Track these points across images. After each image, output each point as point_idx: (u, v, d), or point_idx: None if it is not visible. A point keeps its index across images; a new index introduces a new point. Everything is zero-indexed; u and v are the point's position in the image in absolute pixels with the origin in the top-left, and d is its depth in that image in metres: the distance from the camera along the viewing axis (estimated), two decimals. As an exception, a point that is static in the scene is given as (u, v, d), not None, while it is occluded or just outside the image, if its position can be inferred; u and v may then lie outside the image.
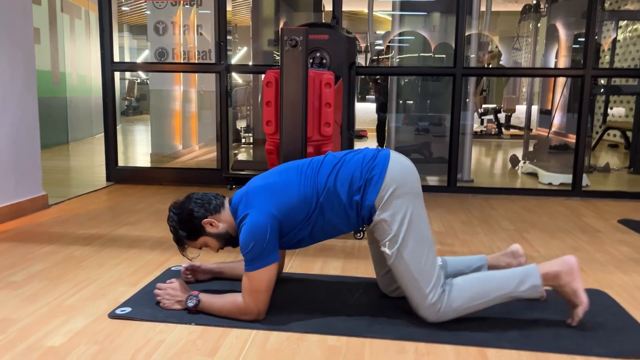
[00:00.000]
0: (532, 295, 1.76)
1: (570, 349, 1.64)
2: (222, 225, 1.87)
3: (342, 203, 1.80)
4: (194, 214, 1.86)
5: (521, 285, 1.75)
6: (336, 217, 1.82)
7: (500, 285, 1.77)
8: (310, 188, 1.80)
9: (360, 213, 1.81)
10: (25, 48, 3.29)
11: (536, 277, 1.75)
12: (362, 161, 1.83)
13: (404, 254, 1.76)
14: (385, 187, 1.77)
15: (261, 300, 1.77)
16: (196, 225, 1.86)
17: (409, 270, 1.76)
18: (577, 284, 1.75)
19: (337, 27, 3.57)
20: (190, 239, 1.89)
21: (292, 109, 2.67)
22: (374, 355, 1.60)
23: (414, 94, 5.36)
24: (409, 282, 1.77)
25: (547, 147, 6.03)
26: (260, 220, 1.74)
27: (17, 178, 3.22)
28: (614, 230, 3.15)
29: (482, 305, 1.78)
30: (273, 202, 1.78)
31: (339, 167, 1.83)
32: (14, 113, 3.18)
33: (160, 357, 1.57)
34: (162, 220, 3.21)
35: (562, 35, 6.64)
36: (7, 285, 2.11)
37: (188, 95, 6.17)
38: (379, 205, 1.77)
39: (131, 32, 11.52)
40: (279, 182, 1.83)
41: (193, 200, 1.89)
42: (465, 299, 1.76)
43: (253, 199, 1.81)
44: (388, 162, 1.80)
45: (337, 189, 1.79)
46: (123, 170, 4.49)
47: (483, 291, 1.77)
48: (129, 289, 2.09)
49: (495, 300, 1.77)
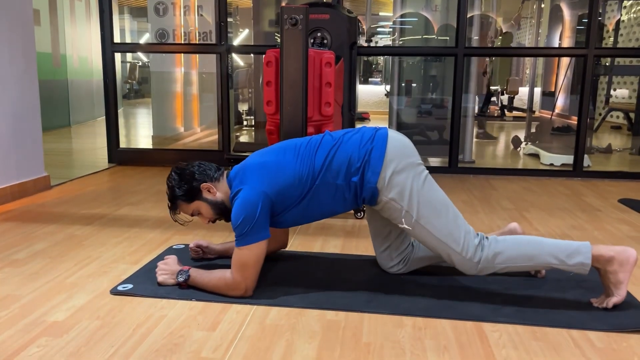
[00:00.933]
0: (578, 271, 1.73)
1: (566, 323, 1.65)
2: (218, 194, 1.89)
3: (339, 185, 1.81)
4: (194, 175, 1.88)
5: (570, 258, 1.72)
6: (332, 198, 1.83)
7: (550, 251, 1.74)
8: (306, 169, 1.81)
9: (360, 194, 1.82)
10: (25, 30, 3.28)
11: (587, 256, 1.72)
12: (360, 142, 1.83)
13: (423, 224, 1.78)
14: (385, 167, 1.78)
15: (249, 275, 1.79)
16: (194, 187, 1.88)
17: (434, 236, 1.78)
18: (625, 276, 1.71)
19: (338, 7, 3.54)
20: (186, 200, 1.90)
21: (292, 89, 2.67)
22: (372, 329, 1.63)
23: (416, 76, 5.34)
24: (438, 247, 1.79)
25: (550, 129, 6.02)
26: (252, 196, 1.76)
27: (19, 159, 3.23)
28: (614, 209, 3.16)
29: (523, 267, 1.78)
30: (267, 181, 1.79)
31: (336, 148, 1.83)
32: (14, 95, 3.19)
33: (161, 332, 1.59)
34: (163, 201, 3.23)
35: (566, 16, 6.58)
36: (10, 263, 2.14)
37: (189, 77, 6.16)
38: (382, 186, 1.79)
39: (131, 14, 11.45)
40: (275, 161, 1.84)
41: (196, 164, 1.92)
42: (508, 256, 1.75)
43: (248, 175, 1.83)
44: (386, 142, 1.81)
45: (333, 171, 1.80)
46: (125, 152, 4.50)
47: (530, 253, 1.75)
48: (130, 266, 2.11)
49: (538, 265, 1.77)
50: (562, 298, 1.84)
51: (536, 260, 1.75)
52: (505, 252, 1.76)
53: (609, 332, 1.61)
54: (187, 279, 1.86)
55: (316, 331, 1.61)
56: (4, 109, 3.11)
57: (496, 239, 1.79)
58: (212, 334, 1.59)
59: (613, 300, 1.72)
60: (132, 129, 7.20)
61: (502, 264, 1.77)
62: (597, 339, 1.57)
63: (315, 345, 1.52)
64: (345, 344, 1.53)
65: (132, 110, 9.93)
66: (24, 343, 1.51)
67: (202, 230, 2.61)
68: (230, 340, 1.55)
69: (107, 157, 4.46)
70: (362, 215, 2.89)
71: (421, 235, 1.81)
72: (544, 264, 1.76)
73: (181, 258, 2.18)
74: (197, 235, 2.54)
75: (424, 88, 5.29)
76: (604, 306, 1.74)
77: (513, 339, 1.58)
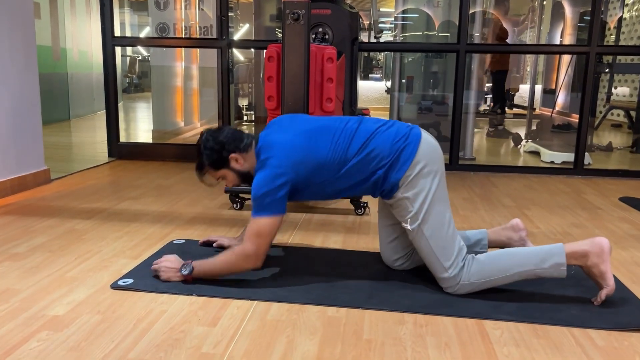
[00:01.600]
0: (555, 274, 1.74)
1: (568, 321, 1.65)
2: (245, 165, 1.90)
3: (365, 174, 1.83)
4: (225, 146, 1.88)
5: (543, 262, 1.74)
6: (354, 184, 1.86)
7: (522, 261, 1.76)
8: (338, 158, 1.82)
9: (381, 186, 1.85)
10: (25, 23, 3.26)
11: (561, 256, 1.73)
12: (394, 138, 1.83)
13: (424, 231, 1.80)
14: (412, 166, 1.80)
15: (261, 245, 1.80)
16: (223, 157, 1.89)
17: (429, 245, 1.80)
18: (606, 266, 1.72)
19: (340, 2, 3.53)
20: (213, 167, 1.91)
21: (293, 84, 2.66)
22: (373, 326, 1.62)
23: (417, 73, 5.32)
24: (428, 256, 1.82)
25: (550, 126, 6.01)
26: (276, 174, 1.78)
27: (19, 152, 3.22)
28: (614, 207, 3.15)
29: (501, 281, 1.79)
30: (293, 163, 1.80)
31: (370, 140, 1.83)
32: (14, 88, 3.17)
33: (162, 327, 1.59)
34: (164, 195, 3.22)
35: (568, 13, 6.57)
36: (10, 257, 2.13)
37: (190, 72, 6.14)
38: (404, 183, 1.81)
39: (132, 7, 11.41)
40: (307, 146, 1.83)
41: (227, 132, 1.91)
42: (484, 273, 1.78)
43: (277, 153, 1.82)
44: (419, 143, 1.82)
45: (363, 162, 1.82)
46: (125, 146, 4.49)
47: (503, 267, 1.77)
48: (130, 261, 2.11)
49: (515, 276, 1.77)
50: (563, 296, 1.84)
51: (513, 271, 1.77)
52: (481, 271, 1.78)
53: (610, 331, 1.61)
54: (191, 270, 1.85)
55: (317, 327, 1.61)
56: (4, 102, 3.10)
57: (474, 258, 1.81)
58: (212, 329, 1.58)
59: (604, 293, 1.74)
60: (132, 123, 7.18)
61: (479, 283, 1.79)
62: (598, 337, 1.57)
63: (316, 342, 1.52)
64: (346, 341, 1.53)
65: (132, 105, 9.91)
66: (24, 337, 1.51)
67: (202, 225, 2.61)
68: (231, 335, 1.55)
69: (107, 151, 4.45)
70: (362, 212, 2.89)
71: (418, 239, 1.83)
72: (523, 273, 1.77)
73: (182, 253, 2.18)
74: (197, 230, 2.54)
75: (425, 84, 5.27)
76: (598, 301, 1.75)
77: (514, 336, 1.57)
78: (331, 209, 2.98)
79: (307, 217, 2.82)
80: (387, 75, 10.57)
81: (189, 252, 2.19)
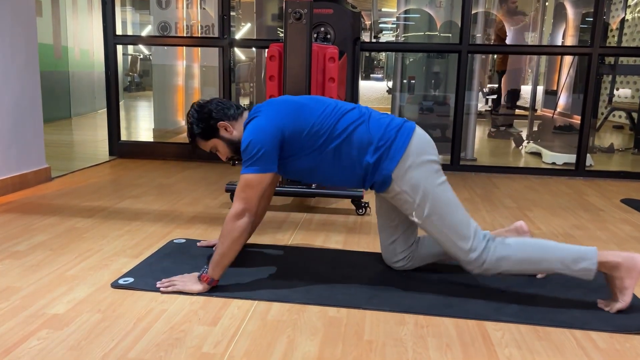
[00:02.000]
0: (582, 276, 1.72)
1: (569, 323, 1.64)
2: (235, 133, 1.89)
3: (353, 159, 1.81)
4: (212, 114, 1.88)
5: (576, 264, 1.71)
6: (341, 168, 1.83)
7: (554, 257, 1.73)
8: (326, 127, 1.80)
9: (371, 177, 1.82)
10: (27, 21, 3.26)
11: (593, 262, 1.70)
12: (387, 126, 1.83)
13: (433, 219, 1.78)
14: (405, 158, 1.78)
15: (248, 198, 1.76)
16: (212, 125, 1.88)
17: (444, 232, 1.78)
18: (631, 283, 1.69)
19: (342, 2, 3.52)
20: (203, 138, 1.90)
21: (295, 83, 2.65)
22: (374, 326, 1.62)
23: (419, 73, 5.32)
24: (447, 243, 1.79)
25: (552, 127, 6.01)
26: (265, 124, 1.77)
27: (20, 150, 3.22)
28: (616, 209, 3.15)
29: (527, 271, 1.77)
30: (283, 116, 1.79)
31: (361, 121, 1.83)
32: (15, 86, 3.17)
33: (162, 326, 1.58)
34: (165, 194, 3.22)
35: (570, 14, 6.56)
36: (11, 255, 2.13)
37: (191, 71, 6.14)
38: (398, 176, 1.79)
39: (134, 6, 11.41)
40: (299, 102, 1.85)
41: (215, 102, 1.91)
42: (511, 259, 1.74)
43: (267, 107, 1.83)
44: (412, 134, 1.81)
45: (352, 143, 1.80)
46: (126, 145, 4.48)
47: (535, 258, 1.74)
48: (131, 260, 2.10)
49: (542, 269, 1.76)
50: (565, 298, 1.83)
51: (541, 265, 1.75)
52: (510, 257, 1.75)
53: (612, 333, 1.60)
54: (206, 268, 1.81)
55: (318, 328, 1.60)
56: (5, 100, 3.10)
57: (503, 241, 1.78)
58: (213, 329, 1.58)
59: (617, 307, 1.71)
60: (133, 121, 7.18)
61: (506, 267, 1.76)
62: (600, 340, 1.57)
63: (316, 342, 1.52)
64: (347, 341, 1.53)
65: (133, 103, 9.90)
66: (24, 335, 1.50)
67: (203, 224, 2.61)
68: (232, 335, 1.54)
69: (108, 149, 4.45)
70: (363, 212, 2.88)
71: (431, 230, 1.81)
72: (549, 269, 1.75)
73: (182, 252, 2.18)
74: (198, 229, 2.53)
75: (427, 85, 5.27)
76: (607, 310, 1.73)
77: (516, 338, 1.57)
78: (332, 209, 2.98)
79: (308, 217, 2.82)
80: (389, 75, 10.56)
81: (189, 252, 2.19)
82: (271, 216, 2.79)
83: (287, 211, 2.91)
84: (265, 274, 1.98)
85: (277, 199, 3.14)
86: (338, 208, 3.00)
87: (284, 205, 3.02)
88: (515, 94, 6.46)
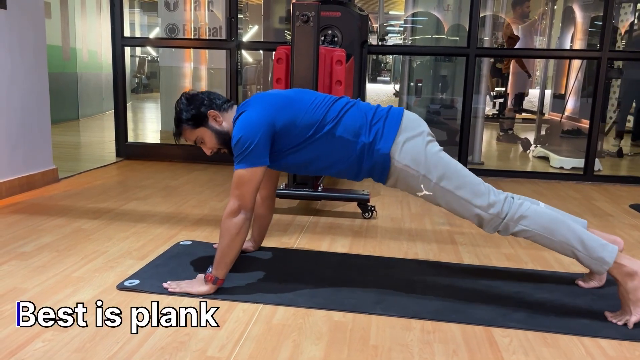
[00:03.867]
0: (595, 266, 1.68)
1: (578, 330, 1.62)
2: (224, 124, 1.87)
3: (347, 140, 1.79)
4: (203, 102, 1.86)
5: (595, 250, 1.66)
6: (337, 152, 1.81)
7: (578, 235, 1.69)
8: (318, 115, 1.80)
9: (368, 159, 1.79)
10: (36, 22, 3.27)
11: (612, 256, 1.66)
12: (377, 109, 1.85)
13: (443, 185, 1.75)
14: (399, 134, 1.77)
15: (243, 195, 1.75)
16: (201, 113, 1.85)
17: (457, 196, 1.74)
18: None
19: (349, 5, 3.52)
20: (192, 125, 1.86)
21: (302, 86, 2.65)
22: (380, 331, 1.60)
23: (426, 76, 5.30)
24: (463, 207, 1.75)
25: (560, 132, 5.97)
26: (255, 118, 1.76)
27: (27, 151, 3.23)
28: (625, 214, 3.12)
29: (545, 242, 1.72)
30: (274, 109, 1.79)
31: (351, 105, 1.85)
32: (24, 87, 3.18)
33: (167, 329, 1.58)
34: (171, 195, 3.22)
35: (579, 18, 6.52)
36: (17, 255, 2.13)
37: (198, 73, 6.15)
38: (396, 152, 1.77)
39: (142, 8, 11.46)
40: (288, 95, 1.85)
41: (206, 92, 1.91)
42: (535, 224, 1.70)
43: (256, 101, 1.83)
44: (402, 114, 1.82)
45: (344, 125, 1.79)
46: (133, 146, 4.49)
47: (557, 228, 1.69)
48: (137, 262, 2.10)
49: (558, 245, 1.70)
50: (573, 304, 1.81)
51: (561, 237, 1.69)
52: (532, 217, 1.71)
53: (622, 341, 1.58)
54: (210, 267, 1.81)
55: (323, 332, 1.59)
56: (14, 101, 3.11)
57: (529, 203, 1.75)
58: (218, 332, 1.57)
59: (633, 320, 1.65)
60: (140, 123, 7.20)
61: (524, 227, 1.71)
62: (609, 347, 1.55)
63: (322, 347, 1.51)
64: (353, 346, 1.51)
65: (140, 105, 9.94)
66: (29, 337, 1.50)
67: (209, 226, 2.60)
68: (237, 339, 1.54)
69: (115, 151, 4.46)
70: (370, 216, 2.87)
71: (444, 198, 1.76)
72: (566, 246, 1.69)
73: (188, 254, 2.18)
74: (204, 231, 2.53)
75: (434, 88, 5.25)
76: (622, 324, 1.66)
77: (523, 344, 1.55)
78: (338, 212, 2.97)
79: (314, 220, 2.81)
80: (396, 78, 10.54)
81: (195, 254, 2.19)
82: (277, 219, 2.78)
83: (293, 214, 2.90)
84: (270, 277, 1.98)
85: (283, 202, 3.13)
86: (344, 211, 2.99)
87: (290, 208, 3.01)
88: (520, 97, 6.43)
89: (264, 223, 2.22)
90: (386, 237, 2.56)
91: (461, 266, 2.18)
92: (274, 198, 2.20)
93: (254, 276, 1.98)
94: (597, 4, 5.84)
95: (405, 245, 2.43)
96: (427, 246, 2.43)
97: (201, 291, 1.79)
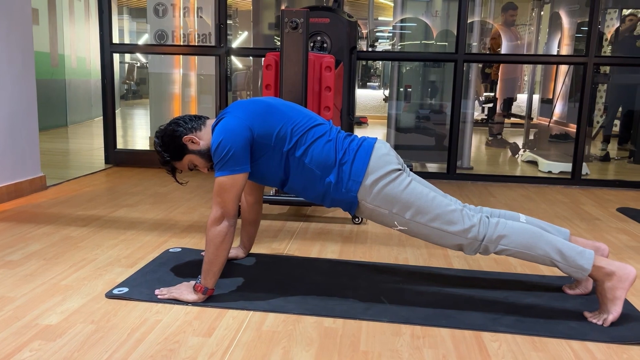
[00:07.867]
0: (575, 274, 1.71)
1: (566, 334, 1.64)
2: (202, 142, 1.85)
3: (314, 173, 1.80)
4: (174, 133, 1.85)
5: (573, 259, 1.69)
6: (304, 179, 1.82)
7: (556, 246, 1.71)
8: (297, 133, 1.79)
9: (336, 194, 1.81)
10: (23, 29, 3.25)
11: (589, 262, 1.69)
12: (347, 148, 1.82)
13: (417, 219, 1.76)
14: (366, 177, 1.77)
15: (225, 202, 1.74)
16: (178, 144, 1.84)
17: (432, 227, 1.76)
18: (622, 293, 1.68)
19: (338, 11, 3.53)
20: (176, 159, 1.87)
21: (291, 92, 2.65)
22: (370, 337, 1.61)
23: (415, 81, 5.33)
24: (441, 238, 1.77)
25: (548, 136, 6.02)
26: (234, 124, 1.75)
27: (15, 159, 3.20)
28: (612, 218, 3.15)
29: (526, 256, 1.74)
30: (252, 116, 1.78)
31: (327, 137, 1.82)
32: (11, 94, 3.16)
33: (156, 336, 1.57)
34: (160, 202, 3.20)
35: (565, 24, 6.60)
36: (4, 264, 2.11)
37: (188, 79, 6.13)
38: (364, 195, 1.78)
39: (131, 14, 11.43)
40: (267, 103, 1.84)
41: (173, 121, 1.89)
42: (514, 241, 1.72)
43: (235, 108, 1.82)
44: (371, 153, 1.80)
45: (314, 157, 1.79)
46: (122, 153, 4.47)
47: (535, 243, 1.72)
48: (126, 269, 2.09)
49: (538, 257, 1.72)
50: (562, 308, 1.83)
51: (540, 251, 1.72)
52: (510, 236, 1.73)
53: (610, 344, 1.60)
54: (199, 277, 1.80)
55: (313, 338, 1.59)
56: (1, 108, 3.08)
57: (506, 222, 1.76)
58: (207, 339, 1.56)
59: (610, 319, 1.69)
60: (129, 130, 7.17)
61: (505, 247, 1.73)
62: (597, 350, 1.56)
63: (312, 353, 1.50)
64: (343, 352, 1.51)
65: (129, 111, 9.89)
66: (16, 346, 1.49)
67: (198, 234, 2.59)
68: (226, 346, 1.53)
69: (104, 158, 4.44)
70: (359, 221, 2.87)
71: (420, 231, 1.79)
72: (545, 257, 1.72)
73: (177, 262, 2.17)
74: (194, 238, 2.52)
75: (423, 93, 5.28)
76: (600, 323, 1.70)
77: (512, 349, 1.56)
78: (328, 218, 2.97)
79: (304, 226, 2.81)
80: (385, 84, 10.58)
81: (185, 261, 2.18)
82: (267, 225, 2.78)
83: (283, 220, 2.90)
84: (260, 284, 1.97)
85: (274, 208, 3.13)
86: (334, 217, 2.99)
87: (280, 215, 3.01)
88: (509, 102, 6.48)
89: (253, 229, 2.22)
90: (376, 242, 2.56)
91: (451, 271, 2.19)
92: (262, 203, 2.20)
93: (244, 283, 1.97)
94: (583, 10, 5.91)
95: (395, 251, 2.44)
96: (417, 251, 2.44)
97: (189, 299, 1.79)
